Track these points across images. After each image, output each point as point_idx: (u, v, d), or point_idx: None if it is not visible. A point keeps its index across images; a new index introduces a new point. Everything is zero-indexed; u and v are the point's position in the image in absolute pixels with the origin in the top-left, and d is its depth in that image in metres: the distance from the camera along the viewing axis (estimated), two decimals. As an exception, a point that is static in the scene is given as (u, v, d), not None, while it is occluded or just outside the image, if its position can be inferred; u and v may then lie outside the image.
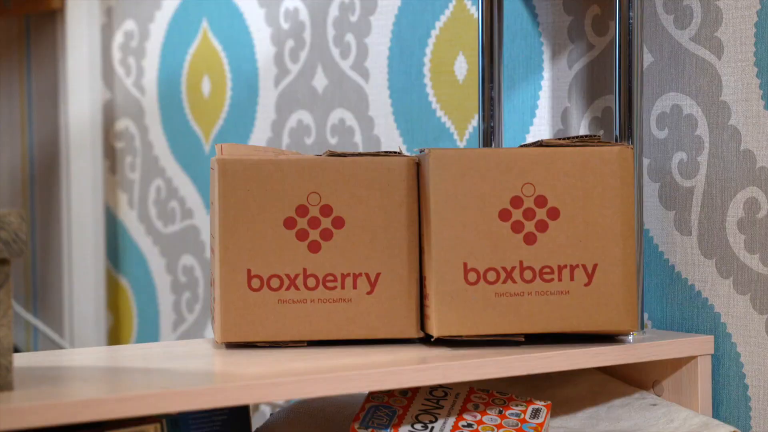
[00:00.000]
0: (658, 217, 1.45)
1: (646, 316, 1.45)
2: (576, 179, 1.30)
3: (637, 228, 1.36)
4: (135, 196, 2.49)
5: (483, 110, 1.58)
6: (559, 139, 1.37)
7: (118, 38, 2.50)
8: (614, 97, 1.50)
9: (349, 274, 1.31)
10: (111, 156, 2.55)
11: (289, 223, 1.31)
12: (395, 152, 1.40)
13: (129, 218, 2.50)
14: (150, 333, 2.44)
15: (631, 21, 1.38)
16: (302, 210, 1.31)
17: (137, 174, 2.48)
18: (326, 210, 1.32)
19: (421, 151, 1.34)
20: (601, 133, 1.49)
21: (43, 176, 2.63)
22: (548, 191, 1.30)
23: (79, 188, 2.54)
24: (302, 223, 1.31)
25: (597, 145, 1.32)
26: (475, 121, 1.71)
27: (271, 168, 1.31)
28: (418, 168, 1.34)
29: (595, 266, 1.29)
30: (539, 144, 1.34)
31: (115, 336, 2.56)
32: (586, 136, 1.39)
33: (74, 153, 2.55)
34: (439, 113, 1.77)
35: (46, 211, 2.62)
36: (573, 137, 1.38)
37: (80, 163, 2.54)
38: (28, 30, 2.65)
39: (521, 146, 1.39)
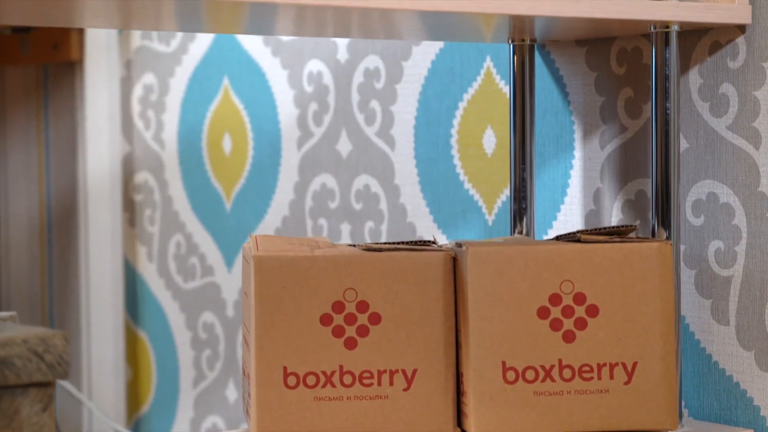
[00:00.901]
0: (694, 305, 1.44)
1: (683, 404, 1.44)
2: (615, 276, 1.29)
3: (675, 318, 1.35)
4: (154, 249, 2.48)
5: (514, 188, 1.57)
6: (596, 230, 1.36)
7: (138, 91, 2.49)
8: (649, 181, 1.49)
9: (385, 371, 1.30)
10: (130, 208, 2.54)
11: (326, 319, 1.30)
12: (430, 242, 1.39)
13: (148, 272, 2.49)
14: (169, 388, 2.43)
15: (668, 110, 1.37)
16: (338, 306, 1.30)
17: (156, 228, 2.47)
18: (362, 306, 1.31)
19: (458, 245, 1.33)
20: (637, 223, 1.47)
21: (60, 225, 2.63)
22: (587, 288, 1.29)
23: (98, 239, 2.53)
24: (338, 319, 1.30)
25: (636, 242, 1.31)
26: (504, 196, 1.70)
27: (307, 264, 1.30)
28: (454, 262, 1.33)
29: (635, 364, 1.28)
30: (576, 239, 1.33)
31: (133, 390, 2.55)
32: (622, 226, 1.38)
33: (93, 204, 2.54)
34: (467, 185, 1.76)
35: (63, 261, 2.61)
36: (609, 228, 1.37)
37: (99, 214, 2.53)
38: (46, 79, 2.64)
39: (557, 238, 1.38)
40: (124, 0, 1.09)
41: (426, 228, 1.83)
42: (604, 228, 1.37)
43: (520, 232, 1.58)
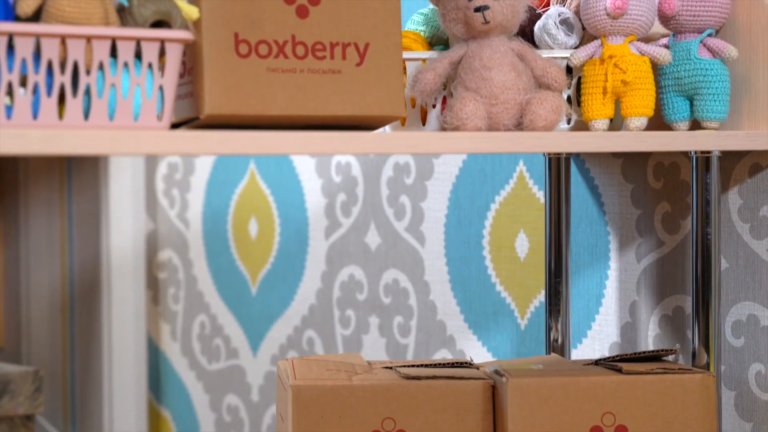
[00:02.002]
0: (734, 427, 1.42)
1: None
2: (657, 408, 1.28)
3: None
4: (178, 328, 2.46)
5: (548, 295, 1.56)
6: (636, 354, 1.34)
7: (162, 169, 2.48)
8: (687, 298, 1.48)
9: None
10: (153, 286, 2.53)
11: (364, 449, 1.28)
12: (467, 363, 1.37)
13: (172, 350, 2.48)
14: (193, 469, 2.42)
15: (708, 234, 1.36)
16: (376, 436, 1.29)
17: (180, 306, 2.46)
18: (401, 436, 1.29)
19: (498, 373, 1.31)
20: (677, 347, 1.46)
21: (83, 300, 2.61)
22: (629, 421, 1.28)
23: (121, 316, 2.52)
24: (378, 449, 1.29)
25: (678, 373, 1.29)
26: (537, 301, 1.69)
27: (346, 394, 1.29)
28: (493, 390, 1.31)
29: None
30: (618, 368, 1.32)
31: (156, 469, 2.53)
32: (662, 349, 1.37)
33: (116, 280, 2.53)
34: (499, 288, 1.74)
35: (86, 336, 2.60)
36: (649, 352, 1.35)
37: (122, 291, 2.52)
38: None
39: (597, 363, 1.36)
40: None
41: (456, 327, 1.81)
42: (644, 352, 1.35)
43: (556, 340, 1.57)
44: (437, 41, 1.41)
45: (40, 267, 2.71)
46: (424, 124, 1.37)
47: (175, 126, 1.21)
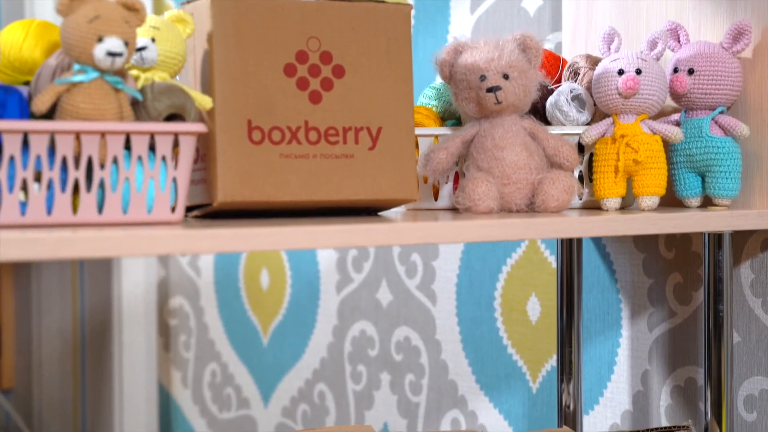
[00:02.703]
0: (746, 502, 1.42)
1: None
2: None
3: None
4: (189, 375, 2.47)
5: (561, 360, 1.55)
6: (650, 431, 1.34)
7: (173, 216, 2.49)
8: (699, 370, 1.48)
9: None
10: (165, 332, 2.53)
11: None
12: None
13: (183, 397, 2.48)
14: None
15: (720, 312, 1.36)
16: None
17: (192, 354, 2.46)
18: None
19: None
20: (689, 422, 1.46)
21: (93, 344, 2.62)
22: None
23: (132, 361, 2.52)
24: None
25: None
26: (548, 365, 1.69)
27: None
28: None
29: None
30: None
31: None
32: (675, 426, 1.37)
33: (127, 325, 2.53)
34: (511, 350, 1.74)
35: (96, 380, 2.61)
36: (663, 428, 1.35)
37: (133, 336, 2.53)
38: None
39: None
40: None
41: (468, 388, 1.81)
42: (657, 428, 1.35)
43: (567, 406, 1.57)
44: (449, 116, 1.42)
45: (52, 310, 2.72)
46: (436, 199, 1.37)
47: (187, 209, 1.22)
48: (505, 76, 1.29)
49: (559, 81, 1.43)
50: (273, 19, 1.19)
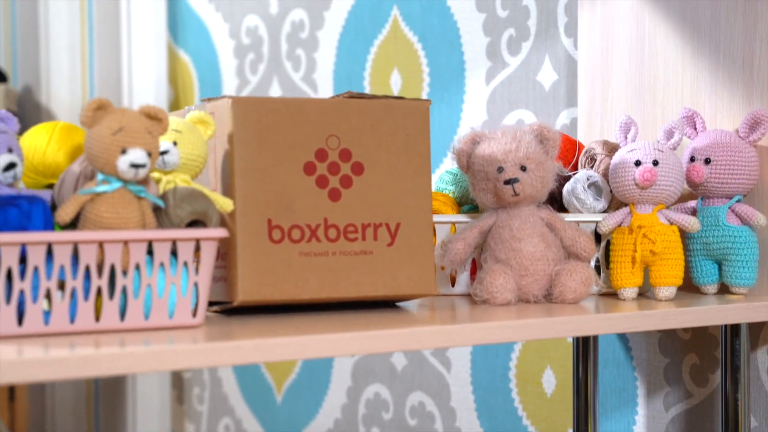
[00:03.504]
0: None
1: None
2: None
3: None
4: (203, 429, 2.47)
5: (575, 438, 1.56)
6: None
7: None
8: (714, 452, 1.48)
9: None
10: (178, 385, 2.54)
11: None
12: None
13: (196, 450, 2.49)
14: None
15: (737, 400, 1.36)
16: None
17: (205, 407, 2.46)
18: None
19: None
20: None
21: (107, 393, 2.62)
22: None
23: (146, 413, 2.52)
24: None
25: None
26: (564, 438, 1.69)
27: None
28: None
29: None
30: None
31: None
32: None
33: (141, 377, 2.54)
34: (526, 422, 1.75)
35: (109, 430, 2.61)
36: None
37: (147, 389, 2.53)
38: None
39: None
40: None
41: (483, 456, 1.82)
42: None
43: (582, 482, 1.57)
44: (466, 201, 1.42)
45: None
46: (453, 285, 1.37)
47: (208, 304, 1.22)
48: (523, 168, 1.29)
49: (575, 166, 1.44)
50: (293, 118, 1.20)
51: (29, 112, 2.76)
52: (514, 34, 1.74)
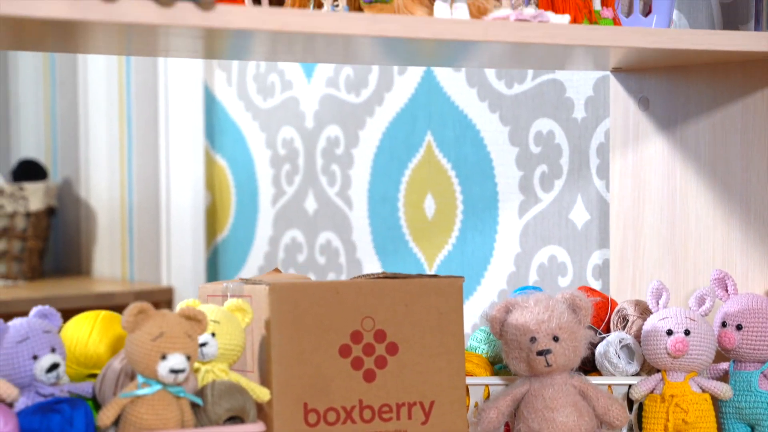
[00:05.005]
0: None
1: None
2: None
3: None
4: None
5: None
6: None
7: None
8: None
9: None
10: None
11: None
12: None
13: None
14: None
15: None
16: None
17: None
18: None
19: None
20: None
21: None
22: None
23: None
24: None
25: None
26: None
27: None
28: None
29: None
30: None
31: None
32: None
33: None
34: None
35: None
36: None
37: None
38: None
39: None
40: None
41: None
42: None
43: None
44: (499, 360, 1.44)
45: None
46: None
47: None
48: (555, 338, 1.31)
49: (607, 325, 1.45)
50: (329, 302, 1.22)
51: (68, 206, 2.81)
52: (547, 170, 1.76)
